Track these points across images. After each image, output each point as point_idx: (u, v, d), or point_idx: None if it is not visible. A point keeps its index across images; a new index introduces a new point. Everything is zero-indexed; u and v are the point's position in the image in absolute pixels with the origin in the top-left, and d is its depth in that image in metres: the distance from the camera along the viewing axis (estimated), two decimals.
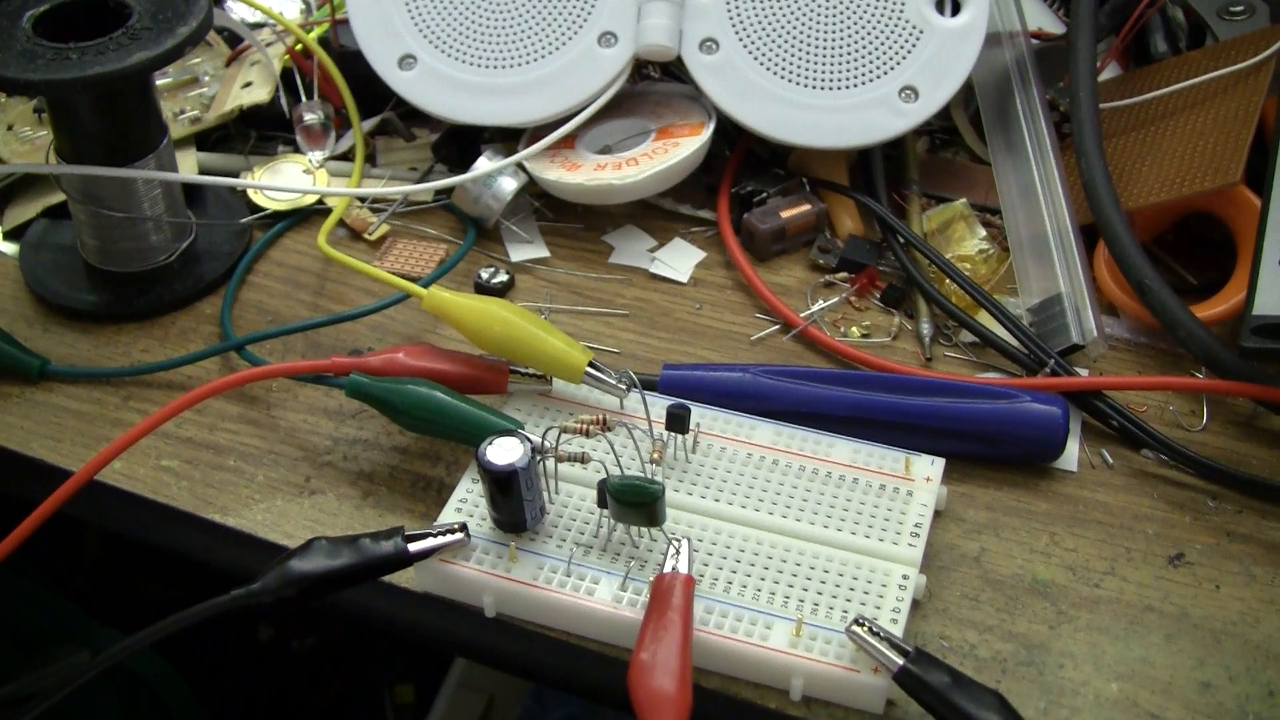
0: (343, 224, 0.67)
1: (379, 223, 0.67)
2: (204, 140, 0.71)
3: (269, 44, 0.73)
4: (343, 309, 0.62)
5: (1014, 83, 0.68)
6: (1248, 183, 0.60)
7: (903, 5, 0.65)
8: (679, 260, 0.65)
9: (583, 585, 0.48)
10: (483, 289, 0.63)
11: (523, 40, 0.66)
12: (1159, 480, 0.55)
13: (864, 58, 0.65)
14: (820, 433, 0.53)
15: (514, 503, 0.48)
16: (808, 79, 0.65)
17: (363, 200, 0.68)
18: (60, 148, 0.61)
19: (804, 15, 0.65)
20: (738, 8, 0.66)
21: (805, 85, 0.65)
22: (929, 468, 0.52)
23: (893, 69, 0.65)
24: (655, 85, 0.71)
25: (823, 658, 0.45)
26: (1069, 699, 0.46)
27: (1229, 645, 0.48)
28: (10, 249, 0.66)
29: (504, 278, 0.63)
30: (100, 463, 0.52)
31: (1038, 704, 0.46)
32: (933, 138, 0.72)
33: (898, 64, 0.65)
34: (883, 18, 0.65)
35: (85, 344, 0.61)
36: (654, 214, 0.68)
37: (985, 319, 0.60)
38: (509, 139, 0.68)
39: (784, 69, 0.65)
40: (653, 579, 0.46)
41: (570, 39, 0.66)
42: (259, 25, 0.75)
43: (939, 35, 0.65)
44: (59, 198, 0.66)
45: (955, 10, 0.65)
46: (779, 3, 0.65)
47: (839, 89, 0.65)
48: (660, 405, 0.52)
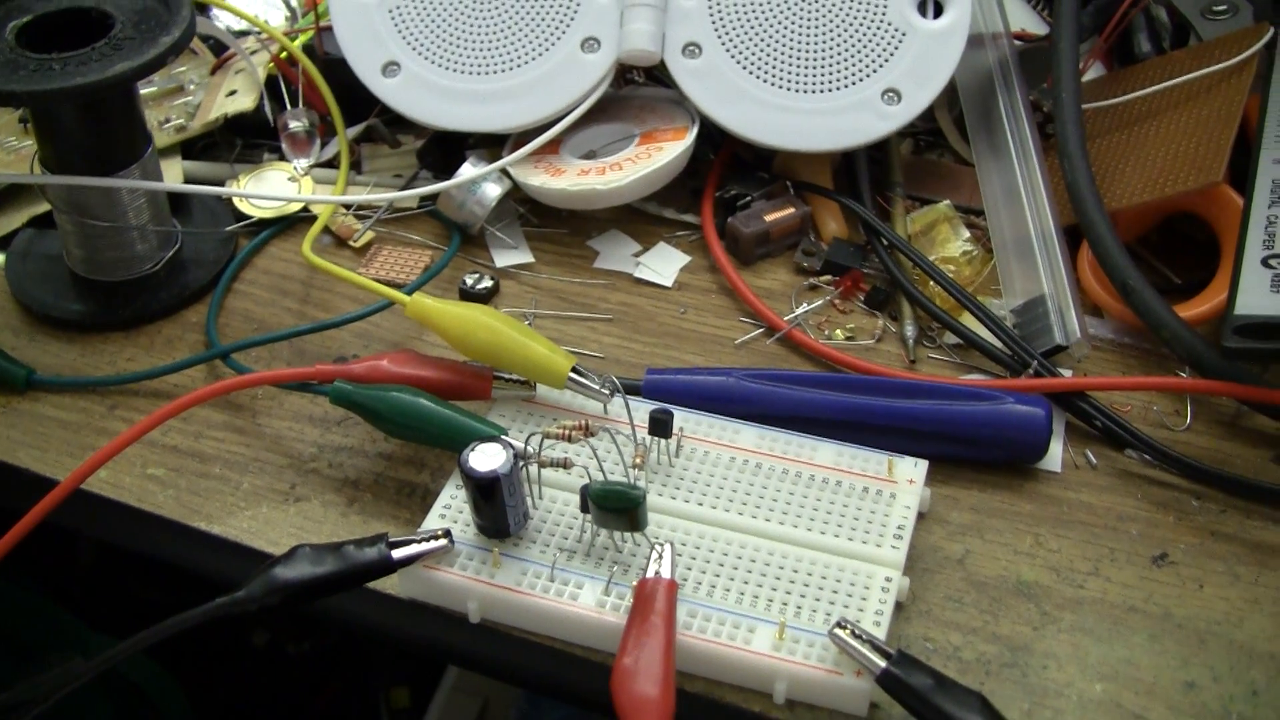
0: (328, 231, 0.67)
1: (364, 230, 0.67)
2: (189, 148, 0.72)
3: (254, 52, 0.73)
4: (328, 316, 0.62)
5: (997, 84, 0.68)
6: (1230, 182, 0.60)
7: (885, 8, 0.65)
8: (663, 264, 0.65)
9: (566, 590, 0.48)
10: (467, 295, 0.63)
11: (506, 46, 0.66)
12: (1143, 480, 0.55)
13: (847, 61, 0.65)
14: (804, 436, 0.53)
15: (497, 509, 0.48)
16: (791, 82, 0.65)
17: (347, 207, 0.68)
18: (45, 158, 0.61)
19: (787, 19, 0.65)
20: (720, 12, 0.66)
21: (789, 89, 0.65)
22: (912, 470, 0.52)
23: (876, 71, 0.65)
24: (639, 90, 0.71)
25: (806, 661, 0.45)
26: (1053, 700, 0.47)
27: (1213, 645, 0.48)
28: None
29: (489, 283, 0.63)
30: (86, 472, 0.52)
31: (1021, 705, 0.46)
32: (916, 140, 0.72)
33: (881, 66, 0.65)
34: (865, 20, 0.65)
35: (71, 353, 0.61)
36: (638, 218, 0.68)
37: (969, 321, 0.60)
38: (493, 145, 0.68)
39: (767, 73, 0.65)
40: (636, 584, 0.46)
41: (553, 45, 0.66)
42: (243, 33, 0.75)
43: (922, 37, 0.65)
44: (44, 207, 0.66)
45: (938, 12, 0.65)
46: (761, 7, 0.66)
47: (822, 92, 0.65)
48: (644, 410, 0.52)
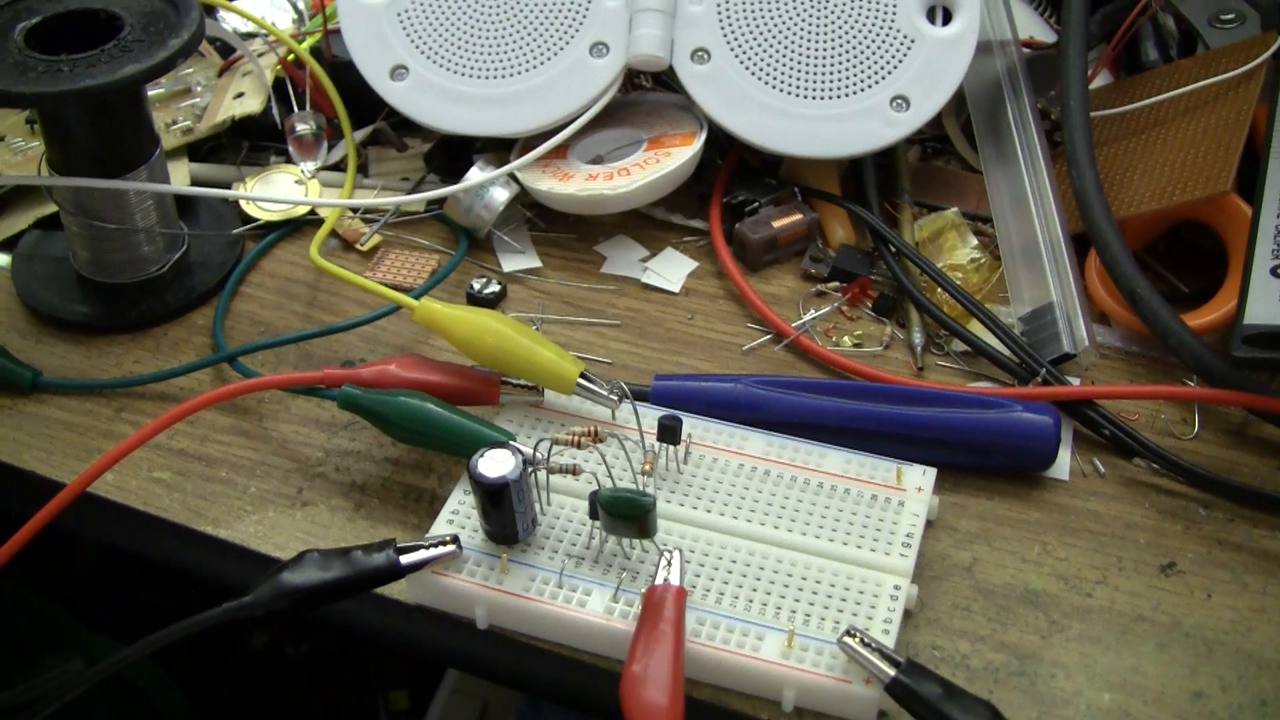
0: (335, 235, 0.67)
1: (371, 233, 0.67)
2: (196, 151, 0.72)
3: (261, 54, 0.73)
4: (335, 320, 0.62)
5: (1005, 91, 0.68)
6: (1239, 191, 0.60)
7: (894, 15, 0.65)
8: (671, 270, 0.65)
9: (574, 597, 0.48)
10: (475, 299, 0.63)
11: (515, 50, 0.66)
12: (1151, 489, 0.55)
13: (856, 67, 0.65)
14: (812, 443, 0.53)
15: (505, 515, 0.48)
16: (799, 88, 0.65)
17: (355, 211, 0.68)
18: (52, 159, 0.61)
19: (795, 25, 0.65)
20: (729, 17, 0.66)
21: (797, 95, 0.65)
22: (920, 478, 0.52)
23: (884, 78, 0.65)
24: (647, 95, 0.71)
25: (814, 669, 0.45)
26: (1061, 709, 0.46)
27: (1221, 654, 0.48)
28: (2, 260, 0.66)
29: (496, 288, 0.63)
30: (92, 475, 0.52)
31: (1029, 714, 0.46)
32: (924, 146, 0.72)
33: (889, 73, 0.65)
34: (874, 27, 0.65)
35: (77, 355, 0.61)
36: (646, 224, 0.68)
37: (977, 328, 0.60)
38: (501, 149, 0.68)
39: (776, 78, 0.65)
40: (644, 590, 0.46)
41: (562, 49, 0.66)
42: (251, 35, 0.75)
43: (930, 44, 0.65)
44: (51, 209, 0.66)
45: (946, 19, 0.66)
46: (770, 12, 0.66)
47: (831, 98, 0.65)
48: (652, 416, 0.52)
